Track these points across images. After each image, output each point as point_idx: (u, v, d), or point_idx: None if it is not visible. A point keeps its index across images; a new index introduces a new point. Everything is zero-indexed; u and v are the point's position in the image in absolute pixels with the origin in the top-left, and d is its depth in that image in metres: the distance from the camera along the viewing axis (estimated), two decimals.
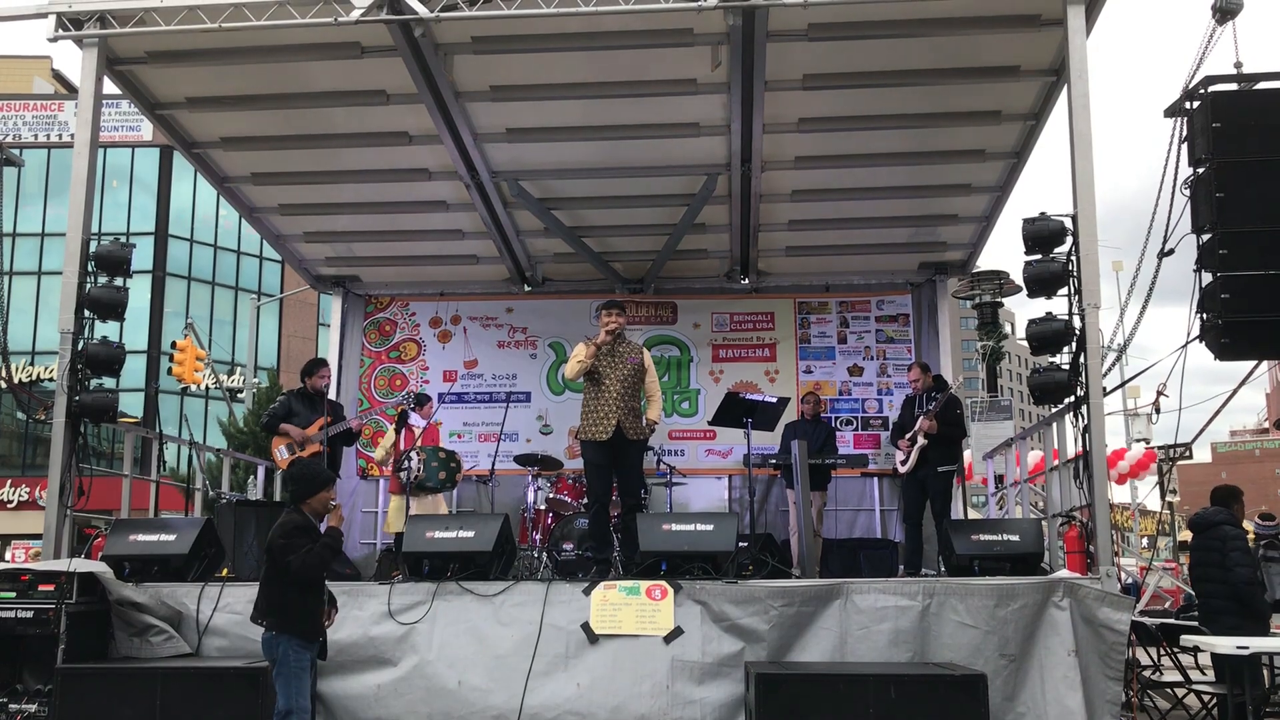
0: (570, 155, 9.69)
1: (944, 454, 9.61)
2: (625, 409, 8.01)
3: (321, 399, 9.51)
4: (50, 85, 40.53)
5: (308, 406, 9.46)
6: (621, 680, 6.69)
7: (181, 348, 25.17)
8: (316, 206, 10.75)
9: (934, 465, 9.56)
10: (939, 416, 9.52)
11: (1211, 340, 7.21)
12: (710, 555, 7.09)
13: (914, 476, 9.72)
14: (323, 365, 9.74)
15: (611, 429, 7.95)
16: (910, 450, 9.64)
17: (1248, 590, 7.54)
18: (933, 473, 9.57)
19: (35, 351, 35.30)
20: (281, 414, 9.47)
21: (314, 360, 9.90)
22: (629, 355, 8.18)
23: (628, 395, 8.06)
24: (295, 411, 9.44)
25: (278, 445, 9.40)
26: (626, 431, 7.99)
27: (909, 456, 9.66)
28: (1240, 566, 7.61)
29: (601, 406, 8.02)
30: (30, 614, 6.74)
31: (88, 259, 7.91)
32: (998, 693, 6.36)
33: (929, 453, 9.54)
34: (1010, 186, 10.04)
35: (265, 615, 5.74)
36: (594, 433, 8.01)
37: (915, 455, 9.58)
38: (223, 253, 38.83)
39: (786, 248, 11.49)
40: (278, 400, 10.24)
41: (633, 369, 8.13)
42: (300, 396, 9.60)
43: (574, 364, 8.12)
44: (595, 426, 8.01)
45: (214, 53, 8.26)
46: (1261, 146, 7.13)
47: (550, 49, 8.16)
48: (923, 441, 9.52)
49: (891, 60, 8.29)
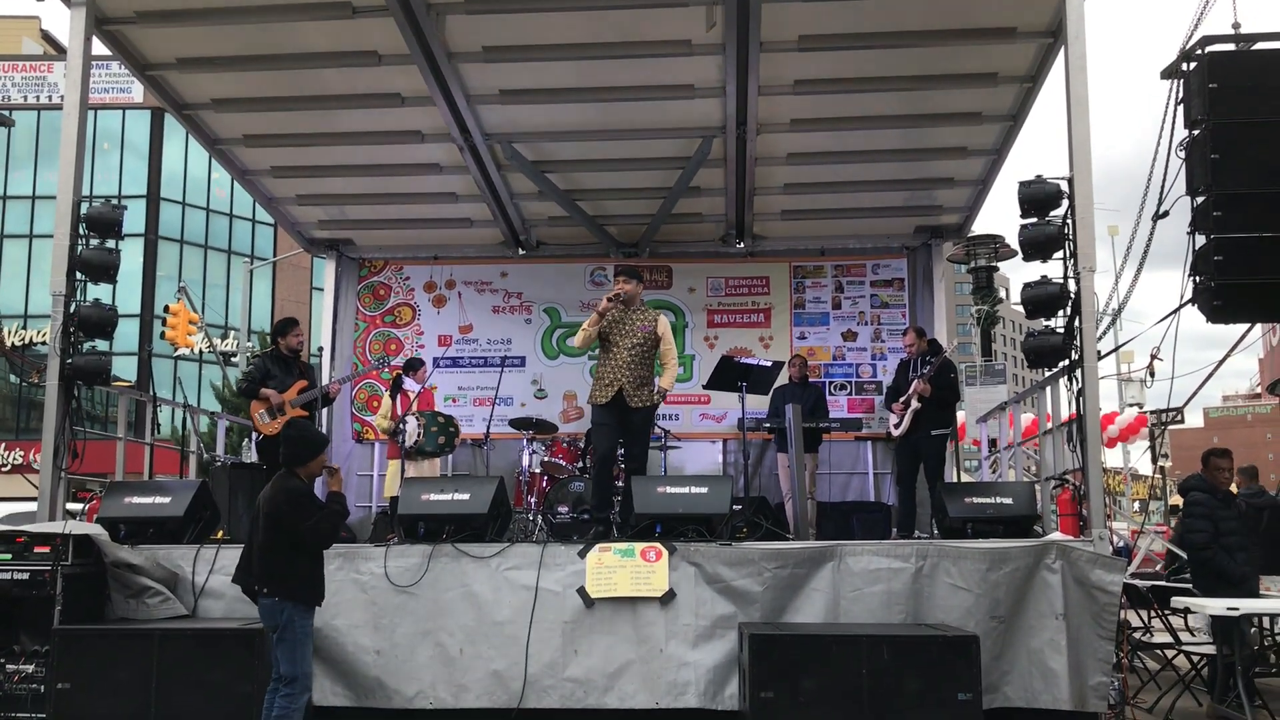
0: (564, 117, 9.62)
1: (937, 418, 9.63)
2: (631, 376, 8.00)
3: (296, 359, 9.44)
4: (39, 46, 40.13)
5: (283, 369, 9.31)
6: (618, 645, 6.75)
7: (174, 311, 25.10)
8: (309, 169, 10.68)
9: (927, 429, 9.58)
10: (933, 380, 9.54)
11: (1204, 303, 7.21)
12: (705, 518, 7.12)
13: (907, 440, 9.75)
14: (295, 325, 9.58)
15: (612, 394, 7.99)
16: (904, 414, 9.67)
17: (1199, 555, 7.59)
18: (926, 436, 9.59)
19: (28, 315, 35.25)
20: (258, 378, 9.28)
21: (285, 320, 9.73)
22: (642, 323, 8.16)
23: (635, 363, 8.04)
24: (271, 374, 9.25)
25: (257, 410, 9.17)
26: (629, 399, 7.99)
27: (902, 420, 9.70)
28: (1191, 533, 7.67)
29: (607, 373, 8.07)
30: (26, 576, 6.78)
31: (79, 221, 7.86)
32: (986, 653, 6.42)
33: (922, 416, 9.57)
34: (1006, 150, 9.99)
35: (267, 582, 5.70)
36: (596, 396, 8.10)
37: (909, 419, 9.61)
38: (215, 216, 38.64)
39: (782, 211, 11.46)
40: (252, 363, 10.14)
41: (644, 336, 8.11)
42: (275, 358, 9.43)
43: (580, 333, 8.20)
44: (598, 391, 8.09)
45: (204, 12, 8.17)
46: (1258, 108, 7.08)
47: (543, 9, 8.08)
48: (916, 405, 9.55)
49: (888, 21, 8.22)
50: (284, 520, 5.66)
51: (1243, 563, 7.52)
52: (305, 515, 5.67)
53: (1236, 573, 7.40)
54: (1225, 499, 7.77)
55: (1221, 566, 7.44)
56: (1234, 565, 7.42)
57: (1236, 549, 7.55)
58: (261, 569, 5.73)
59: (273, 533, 5.70)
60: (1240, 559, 7.53)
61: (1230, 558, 7.46)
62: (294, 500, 5.70)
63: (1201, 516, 7.62)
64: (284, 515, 5.66)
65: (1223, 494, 7.78)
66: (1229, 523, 7.63)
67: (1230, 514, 7.70)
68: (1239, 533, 7.68)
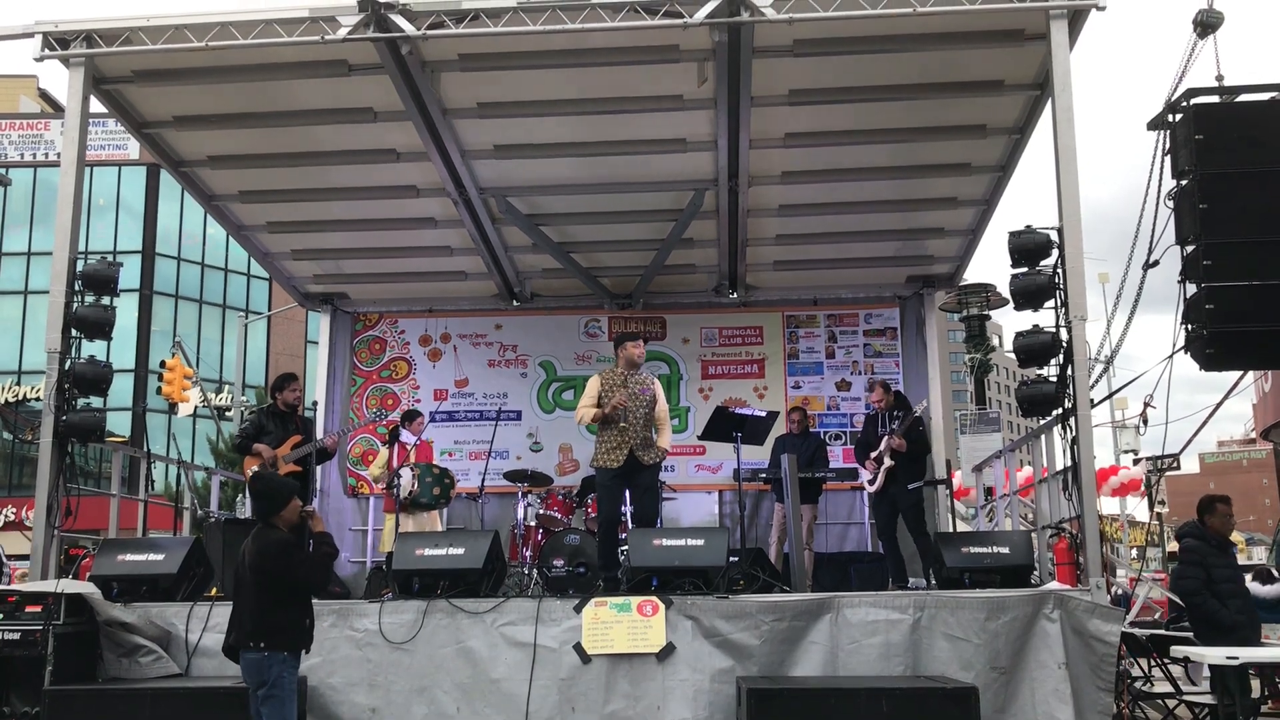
0: (557, 171, 9.71)
1: (911, 471, 9.66)
2: (640, 438, 8.22)
3: (293, 414, 9.44)
4: (36, 104, 40.42)
5: (279, 424, 9.30)
6: (615, 702, 6.68)
7: (170, 366, 25.07)
8: (304, 224, 10.74)
9: (903, 483, 9.61)
10: (905, 434, 9.57)
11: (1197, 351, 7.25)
12: (701, 570, 7.08)
13: (884, 495, 9.78)
14: (292, 380, 9.59)
15: (624, 458, 8.16)
16: (877, 470, 9.70)
17: (1191, 601, 7.54)
18: (902, 490, 9.63)
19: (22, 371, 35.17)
20: (253, 433, 9.29)
21: (283, 375, 9.73)
22: (642, 386, 8.34)
23: (642, 425, 8.27)
24: (266, 429, 9.25)
25: (250, 465, 9.16)
26: (641, 458, 8.19)
27: (876, 476, 9.73)
28: (1181, 579, 7.64)
29: (614, 437, 8.21)
30: (17, 635, 6.68)
31: (75, 278, 7.88)
32: (989, 705, 6.36)
33: (896, 470, 9.59)
34: (996, 200, 10.08)
35: (259, 637, 5.61)
36: (608, 461, 8.20)
37: (882, 475, 9.64)
38: (210, 271, 38.74)
39: (774, 262, 11.52)
40: (248, 420, 10.14)
41: (648, 400, 8.32)
42: (271, 414, 9.42)
43: (589, 413, 8.24)
44: (608, 455, 8.21)
45: (201, 71, 8.26)
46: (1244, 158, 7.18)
47: (537, 66, 8.18)
48: (889, 462, 9.56)
49: (877, 75, 8.34)
50: (275, 572, 5.61)
51: (1236, 610, 7.44)
52: (297, 562, 5.63)
53: (1228, 620, 7.32)
54: (1220, 545, 7.73)
55: (1212, 612, 7.37)
56: (1225, 613, 7.34)
57: (1229, 596, 7.47)
58: (254, 624, 5.66)
59: (264, 586, 5.65)
60: (1234, 605, 7.45)
61: (1222, 605, 7.39)
62: (282, 550, 5.66)
63: (1193, 563, 7.58)
64: (274, 567, 5.61)
65: (1217, 540, 7.74)
66: (1222, 570, 7.56)
67: (1224, 561, 7.65)
68: (1233, 580, 7.61)
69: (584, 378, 9.82)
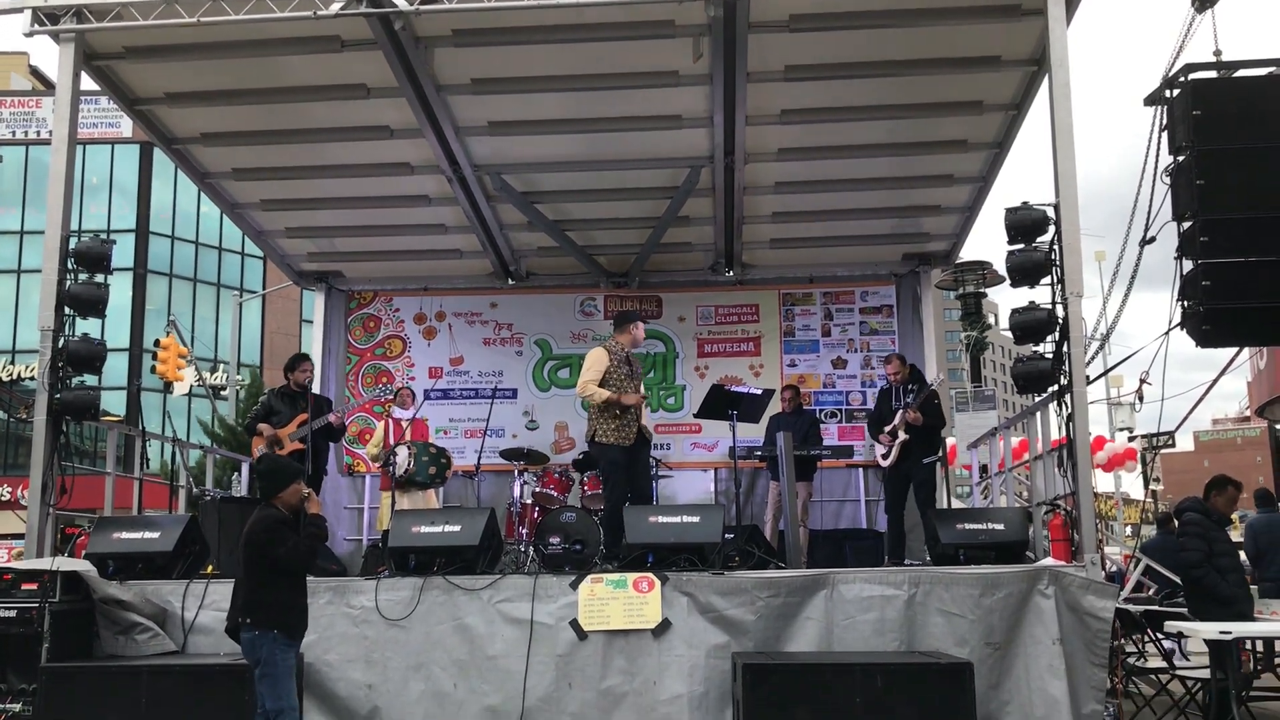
0: (552, 148, 9.66)
1: (926, 445, 9.64)
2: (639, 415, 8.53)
3: (304, 394, 9.46)
4: (27, 81, 40.20)
5: (288, 404, 9.41)
6: (611, 678, 6.70)
7: (164, 345, 25.02)
8: (298, 202, 10.69)
9: (917, 457, 9.58)
10: (920, 408, 9.55)
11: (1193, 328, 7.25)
12: (697, 547, 7.10)
13: (898, 469, 9.74)
14: (304, 360, 9.70)
15: (634, 434, 8.41)
16: (892, 444, 9.68)
17: (1193, 574, 7.63)
18: (916, 464, 9.59)
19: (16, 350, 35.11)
20: (261, 414, 9.47)
21: (296, 355, 9.85)
22: (638, 364, 8.84)
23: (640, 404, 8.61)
24: (275, 410, 9.41)
25: (256, 445, 9.30)
26: (644, 432, 8.56)
27: (890, 450, 9.70)
28: (1186, 551, 7.71)
29: (626, 413, 8.40)
30: (13, 613, 6.70)
31: (67, 256, 7.85)
32: (983, 681, 6.39)
33: (911, 445, 9.57)
34: (992, 177, 10.06)
35: (247, 613, 5.64)
36: (621, 437, 8.38)
37: (897, 449, 9.62)
38: (204, 249, 38.63)
39: (770, 240, 11.50)
40: (259, 401, 10.21)
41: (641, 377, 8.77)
42: (281, 395, 9.56)
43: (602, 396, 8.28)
44: (621, 432, 8.39)
45: (193, 47, 8.19)
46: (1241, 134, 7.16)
47: (531, 41, 8.12)
48: (904, 436, 9.55)
49: (873, 51, 8.29)
50: (262, 548, 5.64)
51: (1234, 584, 7.56)
52: (282, 540, 5.65)
53: (1226, 593, 7.43)
54: (1219, 521, 7.83)
55: (1213, 585, 7.47)
56: (1224, 585, 7.46)
57: (1228, 570, 7.60)
58: (244, 600, 5.71)
59: (252, 562, 5.69)
60: (1232, 580, 7.57)
61: (1222, 578, 7.49)
62: (270, 527, 5.68)
63: (1196, 536, 7.67)
64: (261, 543, 5.65)
65: (1217, 516, 7.84)
66: (1222, 544, 7.69)
67: (1223, 535, 7.76)
68: (1231, 554, 7.77)
69: (579, 356, 9.81)
